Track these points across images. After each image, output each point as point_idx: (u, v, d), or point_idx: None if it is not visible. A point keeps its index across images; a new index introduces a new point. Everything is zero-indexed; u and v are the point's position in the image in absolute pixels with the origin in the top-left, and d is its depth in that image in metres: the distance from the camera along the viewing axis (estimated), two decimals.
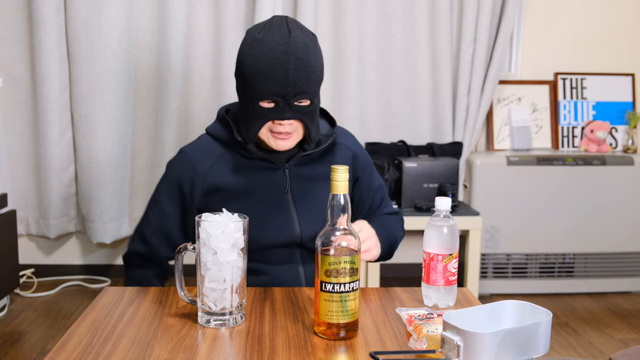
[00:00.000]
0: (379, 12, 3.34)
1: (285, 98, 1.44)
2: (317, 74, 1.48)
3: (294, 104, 1.46)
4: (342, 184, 1.17)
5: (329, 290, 1.15)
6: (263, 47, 1.43)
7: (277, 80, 1.43)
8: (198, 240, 1.21)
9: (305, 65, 1.44)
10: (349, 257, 1.15)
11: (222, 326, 1.22)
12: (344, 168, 1.17)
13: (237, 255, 1.21)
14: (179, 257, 1.25)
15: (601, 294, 3.46)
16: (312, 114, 1.50)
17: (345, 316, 1.16)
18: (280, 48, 1.43)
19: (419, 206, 3.13)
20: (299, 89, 1.44)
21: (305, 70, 1.44)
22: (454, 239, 1.33)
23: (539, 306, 1.10)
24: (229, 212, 1.25)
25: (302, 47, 1.45)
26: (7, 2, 3.21)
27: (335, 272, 1.14)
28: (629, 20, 3.61)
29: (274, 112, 1.46)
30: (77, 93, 3.24)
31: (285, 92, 1.43)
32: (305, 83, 1.45)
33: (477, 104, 3.40)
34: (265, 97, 1.45)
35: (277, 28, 1.45)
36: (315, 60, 1.47)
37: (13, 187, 3.36)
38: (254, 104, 1.46)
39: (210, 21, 3.28)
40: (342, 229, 1.17)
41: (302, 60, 1.44)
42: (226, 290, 1.21)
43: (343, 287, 1.15)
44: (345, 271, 1.15)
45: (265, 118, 1.47)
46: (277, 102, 1.45)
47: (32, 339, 2.82)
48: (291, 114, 1.46)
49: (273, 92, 1.44)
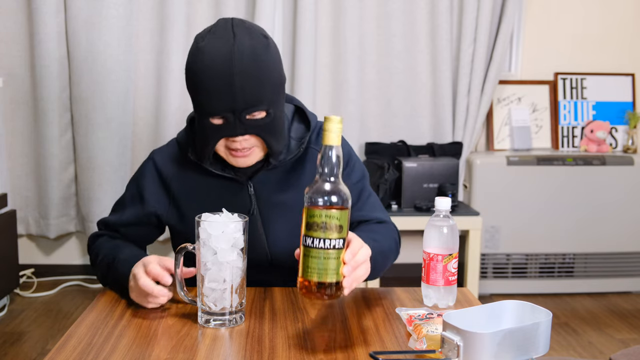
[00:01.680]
0: (379, 12, 3.34)
1: (235, 112, 1.30)
2: (271, 82, 1.33)
3: (246, 118, 1.31)
4: (335, 134, 1.08)
5: (308, 245, 1.06)
6: (204, 59, 1.29)
7: (222, 95, 1.28)
8: (198, 240, 1.20)
9: (253, 75, 1.29)
10: (338, 212, 1.07)
11: (222, 326, 1.22)
12: (338, 118, 1.08)
13: (237, 255, 1.20)
14: (178, 257, 1.23)
15: (601, 294, 3.46)
16: (271, 127, 1.35)
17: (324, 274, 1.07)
18: (223, 59, 1.28)
19: (418, 206, 3.13)
20: (248, 102, 1.30)
21: (254, 81, 1.29)
22: (453, 239, 1.33)
23: (538, 306, 1.10)
24: (229, 212, 1.23)
25: (248, 55, 1.29)
26: (7, 2, 3.21)
27: (317, 225, 1.06)
28: (629, 21, 3.61)
29: (224, 128, 1.32)
30: (77, 93, 3.25)
31: (234, 106, 1.29)
32: (257, 94, 1.30)
33: (477, 104, 3.40)
34: (213, 113, 1.31)
35: (221, 34, 1.30)
36: (267, 67, 1.31)
37: (13, 187, 3.36)
38: (204, 120, 1.34)
39: (210, 21, 3.27)
40: (333, 181, 1.08)
41: (249, 70, 1.28)
42: (226, 290, 1.20)
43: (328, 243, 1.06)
44: (333, 227, 1.06)
45: (216, 136, 1.34)
46: (227, 117, 1.31)
47: (32, 339, 2.82)
48: (243, 129, 1.32)
49: (220, 108, 1.30)
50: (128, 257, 1.36)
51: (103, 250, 1.45)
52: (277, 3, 3.25)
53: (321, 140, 1.34)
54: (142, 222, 1.50)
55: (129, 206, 1.50)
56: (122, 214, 1.51)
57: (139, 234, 1.52)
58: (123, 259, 1.36)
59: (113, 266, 1.37)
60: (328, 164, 1.09)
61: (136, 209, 1.49)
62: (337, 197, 1.08)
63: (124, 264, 1.35)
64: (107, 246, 1.46)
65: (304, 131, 1.49)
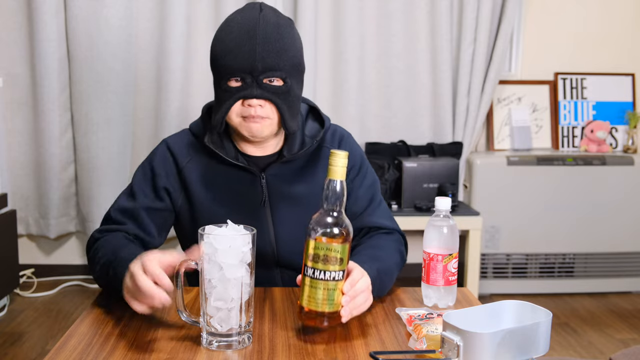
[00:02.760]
0: (379, 12, 3.34)
1: (253, 74, 1.34)
2: (290, 54, 1.37)
3: (264, 81, 1.35)
4: (340, 169, 1.11)
5: (310, 275, 1.12)
6: (232, 25, 1.37)
7: (244, 55, 1.33)
8: (202, 256, 1.11)
9: (275, 41, 1.35)
10: (340, 245, 1.11)
11: (228, 349, 1.12)
12: (344, 154, 1.11)
13: (245, 270, 1.12)
14: (179, 276, 1.13)
15: (601, 294, 3.46)
16: (286, 96, 1.38)
17: (324, 305, 1.12)
18: (249, 23, 1.35)
19: (419, 206, 3.13)
20: (267, 65, 1.34)
21: (275, 47, 1.34)
22: (453, 239, 1.33)
23: (538, 306, 1.10)
24: (234, 224, 1.15)
25: (273, 24, 1.36)
26: (7, 2, 3.21)
27: (318, 257, 1.11)
28: (629, 20, 3.61)
29: (241, 89, 1.35)
30: (77, 93, 3.25)
31: (253, 67, 1.33)
32: (276, 60, 1.34)
33: (477, 104, 3.40)
34: (232, 74, 1.35)
35: (250, 9, 1.39)
36: (289, 39, 1.37)
37: (13, 187, 3.36)
38: (222, 85, 1.37)
39: (210, 21, 3.28)
40: (335, 216, 1.12)
41: (272, 35, 1.34)
42: (233, 309, 1.11)
43: (326, 274, 1.11)
44: (335, 260, 1.11)
45: (233, 98, 1.36)
46: (245, 79, 1.35)
47: (32, 339, 2.82)
48: (260, 92, 1.35)
49: (240, 68, 1.34)
50: (128, 255, 1.28)
51: (103, 250, 1.37)
52: (277, 3, 3.25)
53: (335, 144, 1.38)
54: (158, 206, 1.46)
55: (143, 190, 1.46)
56: (137, 198, 1.45)
57: (156, 219, 1.47)
58: (123, 258, 1.28)
59: (113, 265, 1.29)
60: (332, 197, 1.12)
61: (150, 193, 1.46)
62: (339, 230, 1.12)
63: (123, 263, 1.26)
64: (108, 246, 1.38)
65: (318, 129, 1.51)
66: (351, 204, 1.49)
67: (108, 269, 1.30)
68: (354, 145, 1.55)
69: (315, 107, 1.54)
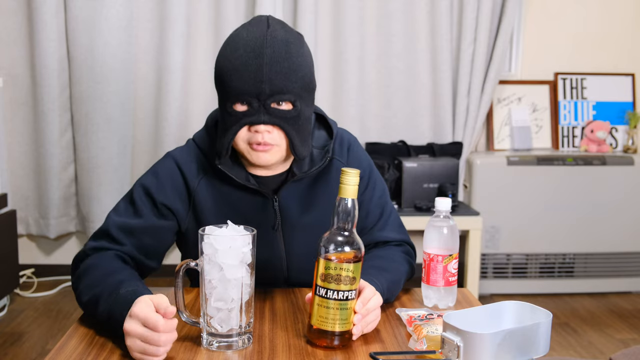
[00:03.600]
0: (379, 12, 3.34)
1: (260, 98, 1.25)
2: (300, 75, 1.28)
3: (271, 106, 1.26)
4: (352, 188, 1.10)
5: (322, 295, 1.12)
6: (238, 41, 1.27)
7: (251, 76, 1.24)
8: (202, 257, 1.11)
9: (284, 60, 1.25)
10: (352, 265, 1.11)
11: (228, 349, 1.13)
12: (355, 172, 1.10)
13: (245, 271, 1.11)
14: (179, 276, 1.13)
15: (601, 294, 3.46)
16: (295, 120, 1.29)
17: (336, 324, 1.12)
18: (256, 42, 1.25)
19: (419, 206, 3.13)
20: (275, 88, 1.25)
21: (283, 67, 1.25)
22: (454, 239, 1.33)
23: (538, 307, 1.10)
24: (234, 224, 1.14)
25: (281, 41, 1.26)
26: (7, 2, 3.21)
27: (330, 277, 1.10)
28: (629, 21, 3.61)
29: (248, 115, 1.27)
30: (77, 93, 3.25)
31: (260, 90, 1.24)
32: (284, 81, 1.25)
33: (477, 104, 3.40)
34: (237, 97, 1.26)
35: (256, 24, 1.29)
36: (299, 58, 1.28)
37: (13, 187, 3.36)
38: (228, 108, 1.28)
39: (211, 21, 3.28)
40: (347, 235, 1.12)
41: (280, 55, 1.25)
42: (233, 309, 1.11)
43: (339, 294, 1.11)
44: (347, 279, 1.10)
45: (239, 123, 1.27)
46: (251, 102, 1.26)
47: (32, 339, 2.82)
48: (268, 117, 1.26)
49: (246, 91, 1.25)
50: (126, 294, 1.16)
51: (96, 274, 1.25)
52: (277, 3, 3.25)
53: (343, 154, 1.35)
54: (163, 225, 1.38)
55: (147, 207, 1.37)
56: (142, 215, 1.36)
57: (159, 240, 1.39)
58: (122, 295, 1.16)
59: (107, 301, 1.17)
60: (344, 216, 1.11)
61: (155, 211, 1.37)
62: (350, 249, 1.11)
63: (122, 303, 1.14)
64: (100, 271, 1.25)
65: (326, 139, 1.43)
66: (362, 218, 1.44)
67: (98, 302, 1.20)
68: (361, 154, 1.48)
69: (322, 113, 1.46)
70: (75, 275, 1.31)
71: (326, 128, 1.46)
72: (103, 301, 1.17)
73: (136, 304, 1.10)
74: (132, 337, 1.08)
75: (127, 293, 1.14)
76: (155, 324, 1.06)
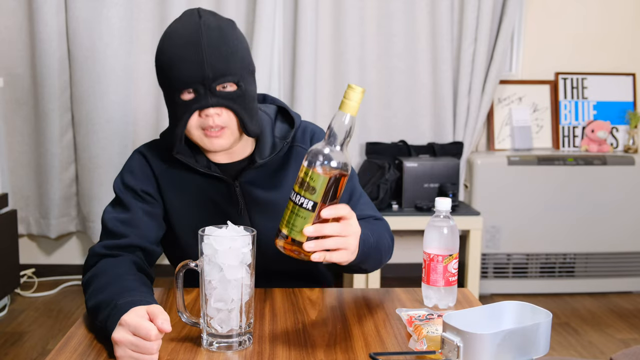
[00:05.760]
0: (379, 12, 3.34)
1: (205, 83, 1.30)
2: (239, 56, 1.33)
3: (217, 89, 1.31)
4: (353, 103, 1.08)
5: (289, 198, 1.09)
6: (174, 35, 1.33)
7: (193, 65, 1.29)
8: (201, 257, 1.11)
9: (221, 45, 1.31)
10: (320, 176, 1.07)
11: (228, 350, 1.13)
12: (361, 89, 1.08)
13: (245, 271, 1.12)
14: (179, 276, 1.14)
15: (602, 294, 3.46)
16: (242, 100, 1.34)
17: (283, 223, 1.09)
18: (192, 32, 1.30)
19: (419, 206, 3.13)
20: (218, 71, 1.30)
21: (222, 51, 1.31)
22: (454, 239, 1.33)
23: (539, 307, 1.10)
24: (234, 225, 1.14)
25: (215, 28, 1.32)
26: (8, 2, 3.21)
27: (299, 180, 1.08)
28: (629, 20, 3.61)
29: (195, 101, 1.31)
30: (78, 93, 3.25)
31: (203, 75, 1.29)
32: (225, 64, 1.31)
33: (477, 103, 3.40)
34: (183, 86, 1.31)
35: (188, 16, 1.34)
36: (235, 41, 1.34)
37: (13, 187, 3.36)
38: (176, 98, 1.33)
39: None
40: (332, 149, 1.09)
41: (217, 40, 1.31)
42: (233, 310, 1.12)
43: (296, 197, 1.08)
44: (307, 186, 1.07)
45: (189, 110, 1.32)
46: (198, 89, 1.30)
47: (33, 339, 2.83)
48: (215, 100, 1.31)
49: (191, 79, 1.30)
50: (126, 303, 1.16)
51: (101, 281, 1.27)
52: (277, 3, 3.25)
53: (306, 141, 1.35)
54: (152, 208, 1.43)
55: (132, 198, 1.42)
56: (130, 207, 1.41)
57: (155, 222, 1.43)
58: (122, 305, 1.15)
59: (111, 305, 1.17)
60: (334, 129, 1.09)
61: (140, 199, 1.42)
62: (327, 163, 1.08)
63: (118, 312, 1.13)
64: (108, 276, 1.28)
65: (287, 130, 1.48)
66: None
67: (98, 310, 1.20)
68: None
69: (284, 106, 1.51)
70: (84, 282, 1.34)
71: (289, 121, 1.50)
72: (102, 310, 1.18)
73: (128, 313, 1.10)
74: (121, 346, 1.08)
75: (124, 304, 1.14)
76: (148, 332, 1.05)
